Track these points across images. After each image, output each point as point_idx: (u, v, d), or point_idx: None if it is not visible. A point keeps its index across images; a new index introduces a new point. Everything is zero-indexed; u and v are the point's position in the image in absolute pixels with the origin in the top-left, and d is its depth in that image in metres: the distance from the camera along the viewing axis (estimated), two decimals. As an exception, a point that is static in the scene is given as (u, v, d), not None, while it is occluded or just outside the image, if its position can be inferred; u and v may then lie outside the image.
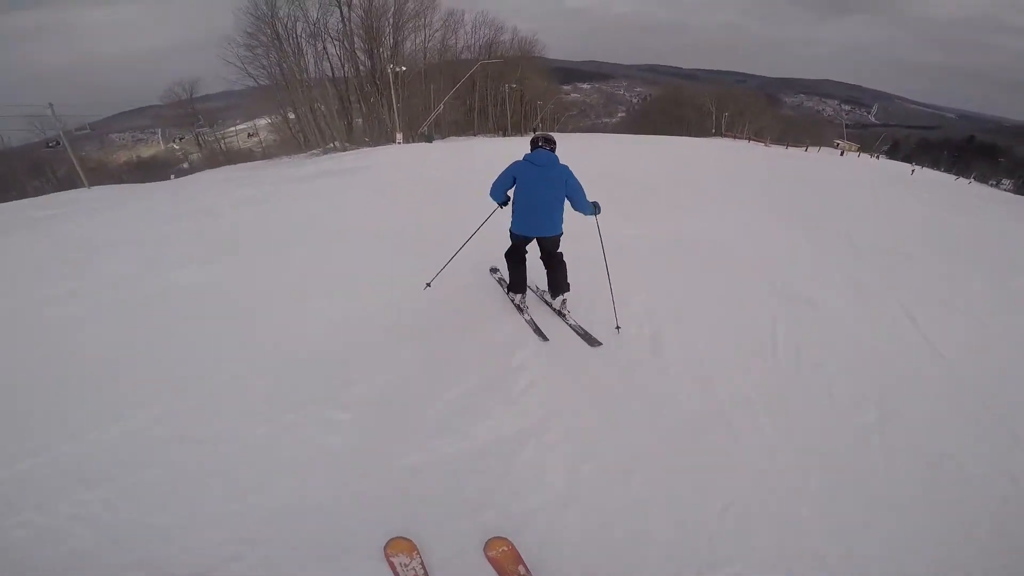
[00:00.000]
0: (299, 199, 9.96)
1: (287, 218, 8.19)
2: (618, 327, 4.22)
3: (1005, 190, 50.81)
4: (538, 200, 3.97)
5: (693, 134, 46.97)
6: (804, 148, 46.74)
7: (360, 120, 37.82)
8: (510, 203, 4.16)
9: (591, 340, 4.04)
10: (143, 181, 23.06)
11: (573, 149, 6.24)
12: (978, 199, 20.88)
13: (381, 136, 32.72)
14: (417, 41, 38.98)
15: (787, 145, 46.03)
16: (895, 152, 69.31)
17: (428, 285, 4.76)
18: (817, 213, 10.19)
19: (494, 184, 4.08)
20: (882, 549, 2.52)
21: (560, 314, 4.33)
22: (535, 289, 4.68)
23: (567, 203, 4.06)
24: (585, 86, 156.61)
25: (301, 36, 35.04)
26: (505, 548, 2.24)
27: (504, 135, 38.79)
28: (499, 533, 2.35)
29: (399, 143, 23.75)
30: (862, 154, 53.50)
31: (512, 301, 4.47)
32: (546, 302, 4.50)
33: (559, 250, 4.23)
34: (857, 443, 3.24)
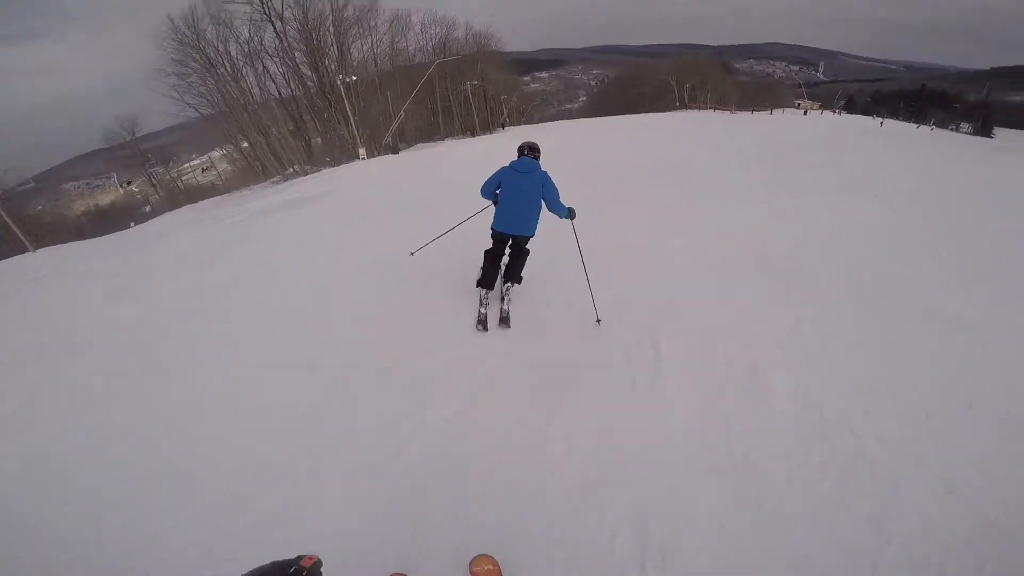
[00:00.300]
0: (253, 250, 7.59)
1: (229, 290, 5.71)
2: (599, 320, 4.33)
3: (965, 133, 50.87)
4: (517, 204, 4.35)
5: (657, 109, 45.82)
6: (769, 111, 46.15)
7: (319, 139, 35.35)
8: (489, 197, 4.51)
9: (504, 323, 4.37)
10: (104, 230, 20.80)
11: (546, 145, 5.39)
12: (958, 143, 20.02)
13: (343, 153, 30.24)
14: (364, 48, 36.38)
15: (752, 110, 45.37)
16: (852, 107, 69.36)
17: (412, 253, 5.38)
18: (851, 185, 8.78)
19: (484, 186, 4.46)
20: None
21: (501, 298, 4.59)
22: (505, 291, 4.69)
23: (544, 206, 4.38)
24: (543, 75, 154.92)
25: (237, 58, 32.21)
26: (490, 567, 2.18)
27: (472, 135, 36.75)
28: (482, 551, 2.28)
29: (363, 158, 21.86)
30: (824, 111, 53.28)
31: (480, 295, 4.62)
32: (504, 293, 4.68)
33: (527, 247, 4.57)
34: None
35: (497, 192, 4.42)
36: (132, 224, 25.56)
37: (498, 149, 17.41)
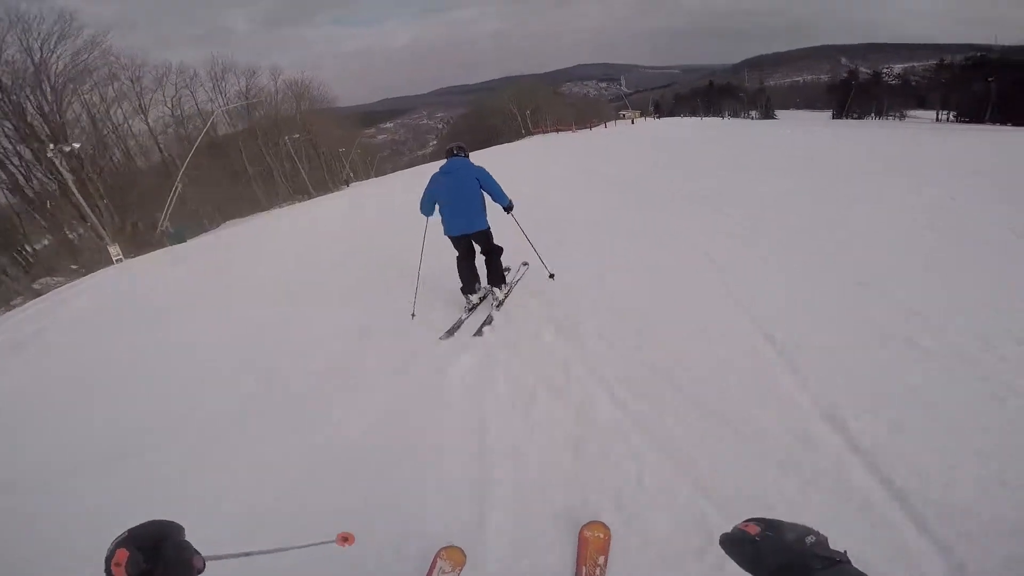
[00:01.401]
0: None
1: None
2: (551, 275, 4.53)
3: (757, 119, 56.06)
4: (456, 202, 4.02)
5: (507, 140, 42.96)
6: (604, 125, 46.22)
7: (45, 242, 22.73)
8: (429, 213, 4.22)
9: (479, 331, 3.86)
10: None
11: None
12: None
13: (89, 257, 19.32)
14: (121, 113, 26.48)
15: (589, 126, 44.90)
16: (659, 111, 74.72)
17: (413, 316, 4.38)
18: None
19: (421, 203, 4.20)
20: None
21: (483, 298, 4.36)
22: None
23: (488, 198, 4.13)
24: (388, 125, 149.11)
25: None
26: (600, 535, 1.99)
27: (307, 197, 29.42)
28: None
29: (117, 260, 14.15)
30: (647, 118, 55.60)
31: (466, 299, 4.34)
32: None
33: (494, 244, 4.25)
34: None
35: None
36: None
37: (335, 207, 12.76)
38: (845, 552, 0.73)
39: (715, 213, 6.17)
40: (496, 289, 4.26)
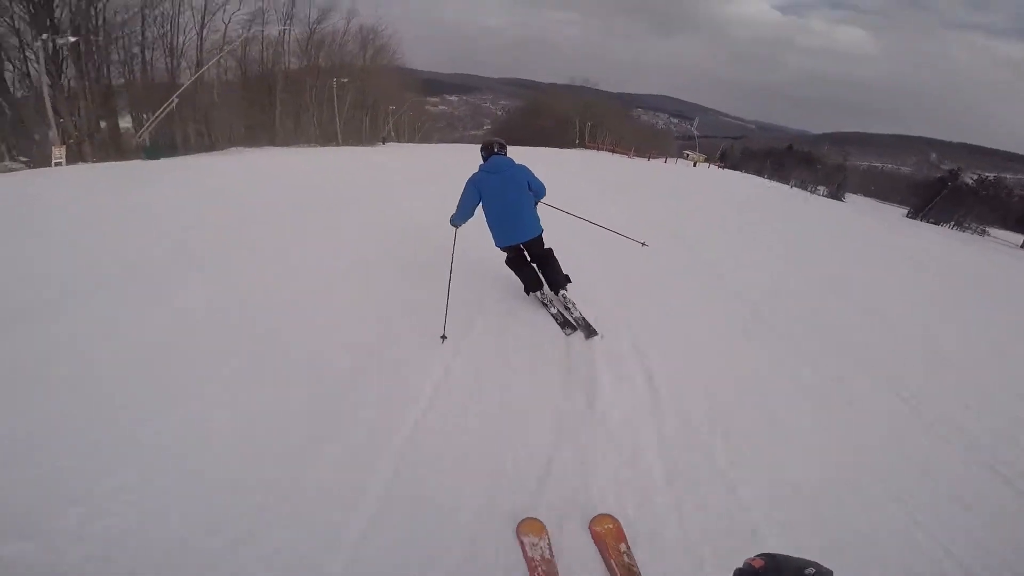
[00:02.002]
0: None
1: None
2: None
3: (823, 195, 52.10)
4: (510, 207, 3.68)
5: (556, 145, 40.22)
6: (663, 160, 43.21)
7: None
8: (465, 221, 3.79)
9: (590, 332, 3.66)
10: None
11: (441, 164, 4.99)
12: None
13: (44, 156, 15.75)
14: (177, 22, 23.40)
15: (648, 156, 41.93)
16: (724, 161, 70.76)
17: (444, 338, 3.54)
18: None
19: (460, 207, 3.72)
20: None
21: (565, 307, 3.85)
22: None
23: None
24: (453, 98, 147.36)
25: None
26: (610, 525, 2.05)
27: (333, 145, 27.03)
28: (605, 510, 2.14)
29: (56, 163, 12.03)
30: (710, 165, 52.19)
31: (538, 299, 4.00)
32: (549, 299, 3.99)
33: (546, 247, 3.89)
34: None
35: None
36: None
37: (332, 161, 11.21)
38: None
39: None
40: (566, 290, 3.85)
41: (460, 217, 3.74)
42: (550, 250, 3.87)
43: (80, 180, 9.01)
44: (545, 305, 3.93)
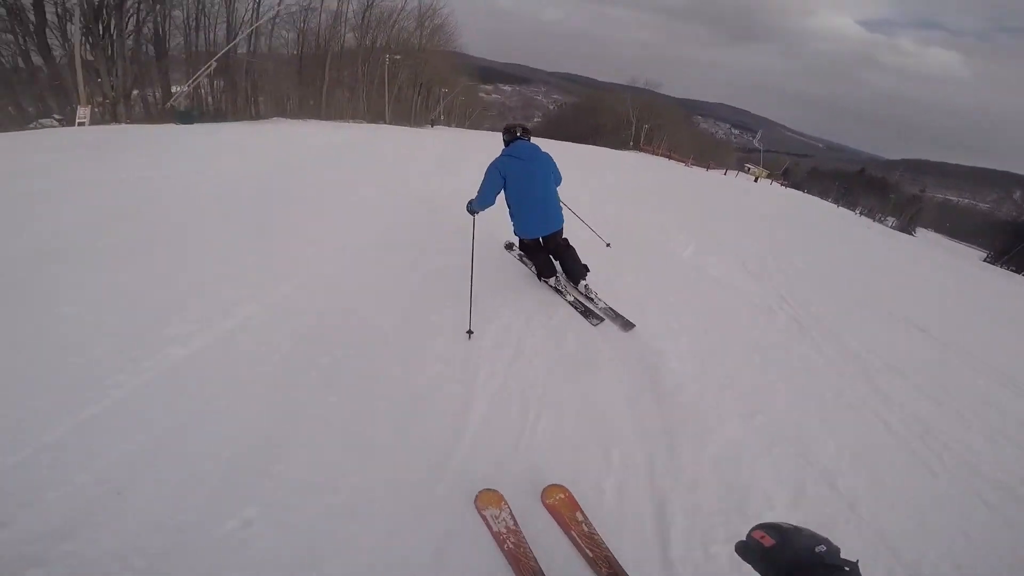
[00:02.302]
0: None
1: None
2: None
3: (890, 227, 47.70)
4: (536, 196, 3.48)
5: (610, 144, 38.08)
6: (723, 172, 40.33)
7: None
8: (485, 208, 3.48)
9: (625, 323, 3.45)
10: None
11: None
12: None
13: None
14: None
15: (707, 166, 39.13)
16: (787, 179, 66.29)
17: (470, 332, 3.18)
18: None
19: (481, 193, 3.41)
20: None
21: (588, 299, 3.68)
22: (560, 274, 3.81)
23: None
24: (506, 88, 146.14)
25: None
26: (562, 495, 1.99)
27: (374, 123, 25.91)
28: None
29: (80, 123, 11.34)
30: (773, 182, 48.75)
31: (549, 284, 3.80)
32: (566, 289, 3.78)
33: (564, 237, 3.73)
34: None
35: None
36: None
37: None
38: (857, 562, 0.77)
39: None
40: (587, 280, 3.69)
41: (480, 203, 3.46)
42: (567, 240, 3.73)
43: (66, 143, 8.04)
44: (560, 292, 3.75)
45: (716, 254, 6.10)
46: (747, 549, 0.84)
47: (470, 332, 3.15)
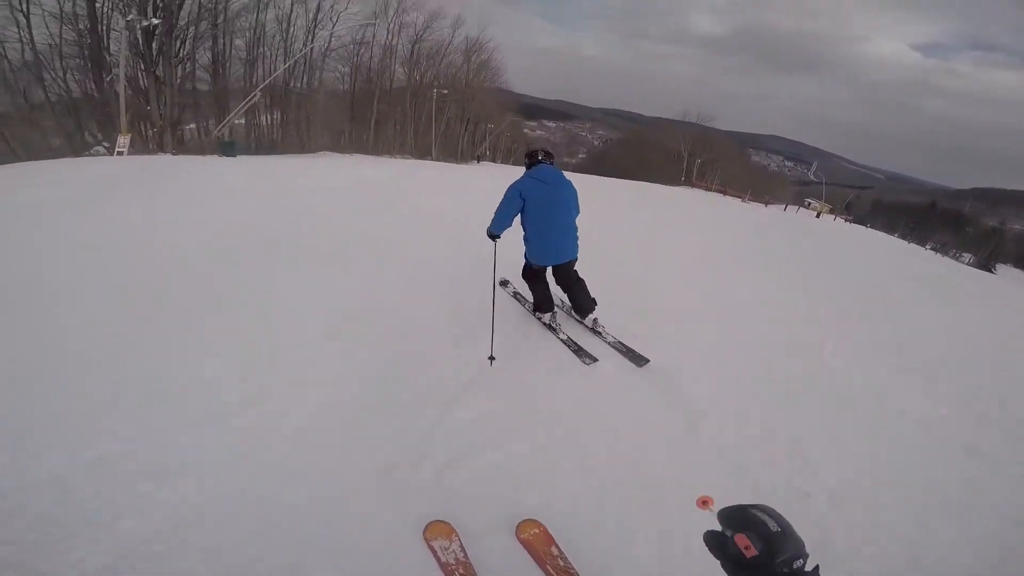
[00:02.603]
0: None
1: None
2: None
3: (967, 263, 42.78)
4: (555, 224, 3.39)
5: (659, 179, 36.55)
6: (783, 207, 37.72)
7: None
8: (504, 230, 3.39)
9: (637, 358, 3.34)
10: None
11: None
12: None
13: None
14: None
15: (766, 202, 36.70)
16: (850, 213, 61.71)
17: (492, 359, 3.23)
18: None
19: (499, 215, 3.33)
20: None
21: (596, 333, 3.64)
22: (560, 305, 3.87)
23: None
24: (551, 124, 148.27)
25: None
26: (536, 530, 1.99)
27: (420, 159, 25.78)
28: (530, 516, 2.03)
29: (119, 152, 11.22)
30: (836, 217, 45.37)
31: (541, 321, 3.68)
32: (576, 319, 3.79)
33: (575, 269, 3.65)
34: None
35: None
36: None
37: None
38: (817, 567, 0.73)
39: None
40: (596, 314, 3.65)
41: (499, 226, 3.35)
42: (577, 271, 3.61)
43: (74, 177, 7.55)
44: (553, 329, 3.62)
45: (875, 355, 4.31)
46: (723, 551, 0.76)
47: (492, 358, 3.18)
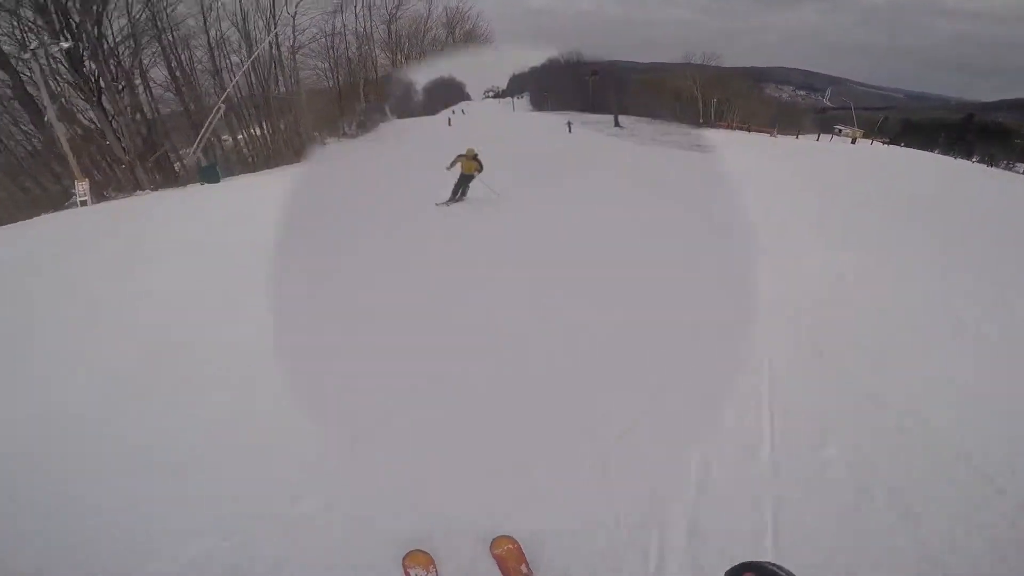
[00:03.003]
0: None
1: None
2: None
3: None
4: None
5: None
6: (815, 137, 34.70)
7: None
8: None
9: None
10: None
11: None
12: None
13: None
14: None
15: (797, 134, 33.74)
16: (879, 134, 57.22)
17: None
18: None
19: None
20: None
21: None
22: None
23: None
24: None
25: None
26: (510, 546, 2.08)
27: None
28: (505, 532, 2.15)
29: (81, 202, 9.51)
30: (872, 141, 41.85)
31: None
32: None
33: None
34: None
35: None
36: None
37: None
38: None
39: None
40: None
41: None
42: None
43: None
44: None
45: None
46: None
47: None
